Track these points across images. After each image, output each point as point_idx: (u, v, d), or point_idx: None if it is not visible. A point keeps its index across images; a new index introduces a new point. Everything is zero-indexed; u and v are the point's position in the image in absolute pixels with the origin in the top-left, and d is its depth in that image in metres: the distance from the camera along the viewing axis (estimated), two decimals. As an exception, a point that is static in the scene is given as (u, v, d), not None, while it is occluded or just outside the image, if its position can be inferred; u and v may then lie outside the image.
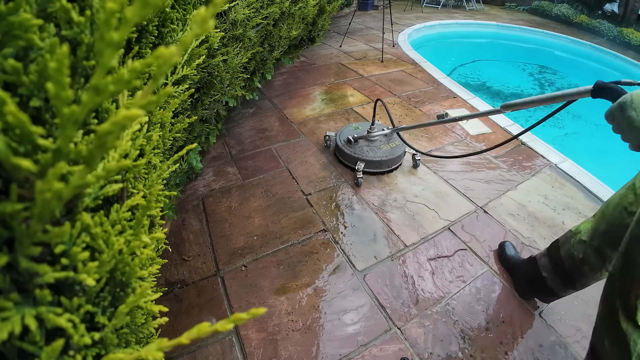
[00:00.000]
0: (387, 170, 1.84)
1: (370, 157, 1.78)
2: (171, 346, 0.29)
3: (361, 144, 1.87)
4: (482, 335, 1.14)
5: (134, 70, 0.21)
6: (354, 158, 1.80)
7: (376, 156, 1.79)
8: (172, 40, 0.82)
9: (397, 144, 1.87)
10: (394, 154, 1.82)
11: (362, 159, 1.77)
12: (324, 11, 3.14)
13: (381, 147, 1.86)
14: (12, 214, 0.24)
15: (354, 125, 2.05)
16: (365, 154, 1.80)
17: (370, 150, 1.82)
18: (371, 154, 1.80)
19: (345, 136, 1.90)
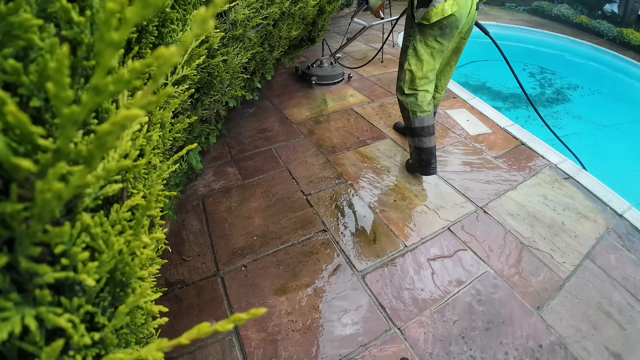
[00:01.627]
0: (332, 82, 2.91)
1: (320, 73, 2.88)
2: (171, 346, 0.29)
3: (316, 69, 2.94)
4: (482, 335, 1.14)
5: (134, 71, 0.21)
6: (310, 75, 2.87)
7: (324, 73, 2.89)
8: (172, 40, 0.82)
9: (337, 67, 2.98)
10: (336, 72, 2.92)
11: (315, 75, 2.86)
12: (324, 11, 3.14)
13: (327, 69, 2.95)
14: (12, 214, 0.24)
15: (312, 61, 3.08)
16: (318, 73, 2.88)
17: (321, 71, 2.91)
18: (321, 72, 2.89)
19: (306, 65, 2.99)
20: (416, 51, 1.50)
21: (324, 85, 2.87)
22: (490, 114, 2.54)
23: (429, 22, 1.37)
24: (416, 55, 1.50)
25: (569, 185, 1.85)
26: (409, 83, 1.57)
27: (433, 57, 1.50)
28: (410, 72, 1.54)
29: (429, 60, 1.51)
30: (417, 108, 1.59)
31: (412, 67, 1.53)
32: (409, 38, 1.53)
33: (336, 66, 3.00)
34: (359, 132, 2.25)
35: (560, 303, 1.25)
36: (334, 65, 3.01)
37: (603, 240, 1.52)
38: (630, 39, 5.57)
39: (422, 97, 1.57)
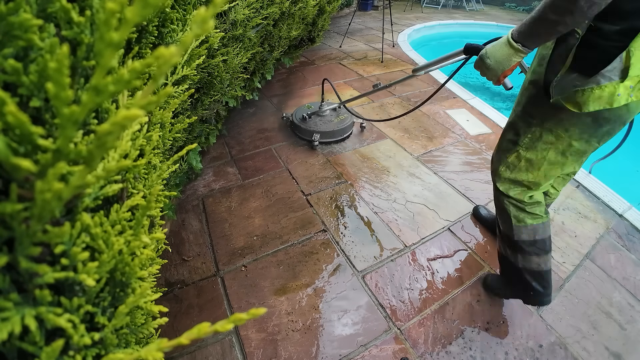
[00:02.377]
0: (339, 139, 2.12)
1: (324, 129, 2.06)
2: (171, 346, 0.29)
3: (314, 119, 2.13)
4: (482, 335, 1.14)
5: (134, 71, 0.21)
6: (309, 131, 2.07)
7: (329, 128, 2.08)
8: (172, 40, 0.82)
9: (346, 117, 2.16)
10: (344, 125, 2.11)
11: (318, 131, 2.05)
12: (324, 11, 3.14)
13: (332, 120, 2.14)
14: (12, 214, 0.24)
15: (307, 105, 2.30)
16: (319, 127, 2.08)
17: (323, 125, 2.10)
18: (324, 127, 2.08)
19: (300, 114, 2.17)
20: (536, 143, 0.92)
21: (329, 143, 2.10)
22: (490, 114, 2.54)
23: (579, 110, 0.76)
24: (534, 149, 0.92)
25: (569, 185, 1.85)
26: (512, 182, 1.01)
27: (565, 159, 0.91)
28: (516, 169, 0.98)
29: (555, 163, 0.92)
30: (524, 214, 1.02)
31: (521, 164, 0.96)
32: (528, 118, 0.92)
33: (342, 113, 2.21)
34: (358, 132, 2.25)
35: (560, 303, 1.25)
36: (338, 112, 2.22)
37: (603, 240, 1.52)
38: (630, 39, 5.56)
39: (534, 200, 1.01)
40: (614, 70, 0.70)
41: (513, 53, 0.80)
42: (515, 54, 0.80)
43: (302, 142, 2.12)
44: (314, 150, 2.03)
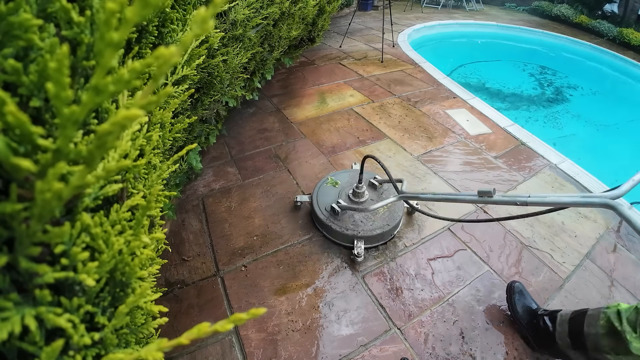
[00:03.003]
0: (390, 239, 1.42)
1: (369, 232, 1.34)
2: (171, 346, 0.29)
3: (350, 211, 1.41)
4: (482, 335, 1.14)
5: (134, 71, 0.21)
6: (347, 236, 1.35)
7: (376, 227, 1.36)
8: (172, 40, 0.82)
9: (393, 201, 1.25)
10: (396, 218, 1.40)
11: (361, 237, 1.34)
12: (323, 11, 3.14)
13: (377, 211, 1.41)
14: (12, 214, 0.24)
15: (330, 180, 1.59)
16: (360, 227, 1.36)
17: (366, 221, 1.38)
18: (369, 226, 1.36)
19: (327, 204, 1.44)
20: None
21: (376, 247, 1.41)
22: (490, 114, 2.54)
23: None
24: None
25: (569, 185, 1.85)
26: None
27: None
28: None
29: None
30: None
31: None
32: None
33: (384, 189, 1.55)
34: (359, 132, 2.25)
35: (560, 303, 1.25)
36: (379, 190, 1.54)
37: (603, 240, 1.52)
38: (630, 39, 5.58)
39: None
40: None
41: None
42: None
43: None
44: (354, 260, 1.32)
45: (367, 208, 1.24)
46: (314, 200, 1.49)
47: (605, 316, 0.89)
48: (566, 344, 0.99)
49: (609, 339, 0.87)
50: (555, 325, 1.04)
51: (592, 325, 0.91)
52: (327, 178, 1.60)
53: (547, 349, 1.08)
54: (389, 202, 1.21)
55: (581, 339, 0.94)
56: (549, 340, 1.05)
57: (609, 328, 0.87)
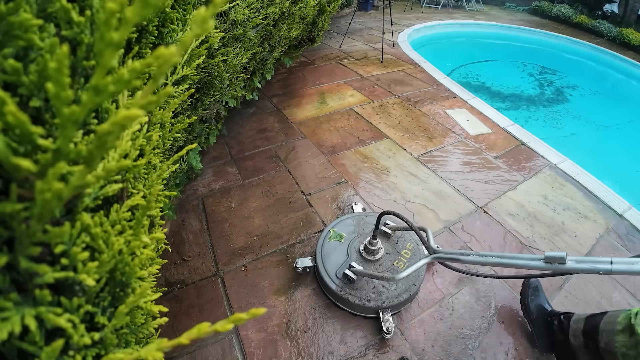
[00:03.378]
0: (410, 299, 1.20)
1: (394, 299, 1.13)
2: (171, 346, 0.29)
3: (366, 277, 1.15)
4: (482, 335, 1.14)
5: (134, 71, 0.21)
6: (370, 309, 1.13)
7: (401, 292, 1.15)
8: (172, 40, 0.82)
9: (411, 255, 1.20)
10: (421, 273, 1.21)
11: (386, 307, 1.12)
12: (324, 11, 3.14)
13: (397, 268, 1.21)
14: (12, 214, 0.24)
15: (333, 233, 1.32)
16: (384, 295, 1.14)
17: (389, 285, 1.16)
18: (393, 292, 1.15)
19: (337, 267, 1.21)
20: None
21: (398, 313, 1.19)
22: (490, 114, 2.54)
23: None
24: None
25: (569, 185, 1.85)
26: None
27: None
28: None
29: None
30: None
31: None
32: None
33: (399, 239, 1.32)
34: (359, 132, 2.25)
35: (560, 303, 1.25)
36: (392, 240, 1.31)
37: (603, 240, 1.52)
38: (630, 39, 5.58)
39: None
40: None
41: None
42: None
43: (306, 142, 2.10)
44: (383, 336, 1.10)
45: (395, 277, 0.94)
46: (319, 265, 1.21)
47: (626, 314, 0.88)
48: (579, 342, 0.98)
49: (623, 335, 0.86)
50: (570, 322, 1.03)
51: (609, 322, 0.91)
52: (329, 231, 1.33)
53: (550, 349, 1.09)
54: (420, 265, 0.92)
55: (595, 337, 0.93)
56: (560, 337, 1.04)
57: (626, 324, 0.86)
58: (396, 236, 1.32)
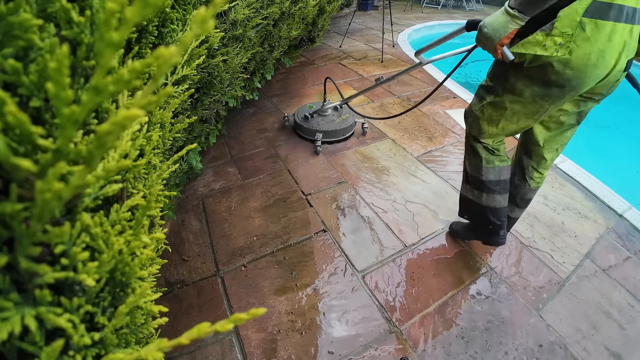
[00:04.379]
0: (342, 138, 2.13)
1: (325, 129, 2.06)
2: (171, 346, 0.29)
3: (317, 119, 2.15)
4: (482, 335, 1.14)
5: (134, 71, 0.21)
6: (311, 131, 2.07)
7: (332, 127, 2.07)
8: (172, 40, 0.82)
9: (348, 116, 2.17)
10: (346, 124, 2.11)
11: (320, 131, 2.05)
12: (323, 11, 3.14)
13: (334, 120, 2.14)
14: (12, 214, 0.24)
15: (308, 105, 2.31)
16: (321, 126, 2.08)
17: (325, 124, 2.10)
18: (327, 126, 2.08)
19: (302, 113, 2.17)
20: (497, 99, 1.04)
21: (331, 143, 2.10)
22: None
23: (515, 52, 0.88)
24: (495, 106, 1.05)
25: (569, 185, 1.85)
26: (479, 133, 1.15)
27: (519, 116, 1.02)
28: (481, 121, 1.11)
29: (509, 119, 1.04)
30: (493, 157, 1.16)
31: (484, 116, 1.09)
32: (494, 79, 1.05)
33: (344, 112, 2.21)
34: (359, 132, 2.25)
35: (560, 303, 1.25)
36: (340, 112, 2.21)
37: (603, 240, 1.52)
38: (630, 39, 5.56)
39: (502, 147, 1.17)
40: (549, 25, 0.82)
41: (509, 20, 0.85)
42: (512, 20, 0.85)
43: (303, 142, 2.12)
44: (315, 150, 2.01)
45: (323, 110, 2.13)
46: (295, 114, 2.21)
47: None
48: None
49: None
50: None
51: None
52: (306, 104, 2.32)
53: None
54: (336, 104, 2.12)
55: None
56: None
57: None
58: (343, 110, 2.23)
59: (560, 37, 0.82)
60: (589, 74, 0.85)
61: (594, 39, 0.81)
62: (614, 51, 0.83)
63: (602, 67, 0.84)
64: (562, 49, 0.83)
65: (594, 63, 0.83)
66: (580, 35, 0.81)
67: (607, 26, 0.80)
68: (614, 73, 0.88)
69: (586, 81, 0.87)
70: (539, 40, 0.84)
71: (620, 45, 0.83)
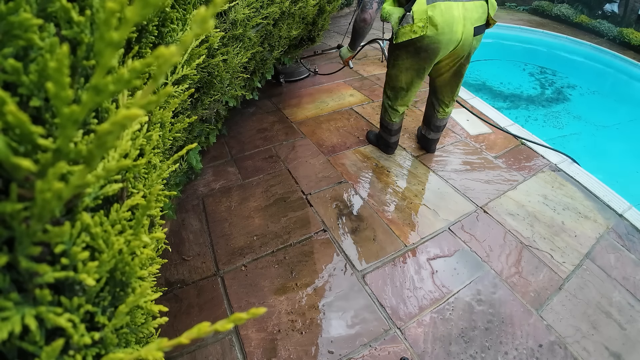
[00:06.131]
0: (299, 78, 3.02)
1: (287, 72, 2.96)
2: (171, 346, 0.29)
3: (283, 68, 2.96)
4: (482, 335, 1.14)
5: (134, 70, 0.21)
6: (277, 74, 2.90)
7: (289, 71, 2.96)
8: (172, 40, 0.81)
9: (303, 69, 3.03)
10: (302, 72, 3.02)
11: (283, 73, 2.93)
12: (324, 11, 3.13)
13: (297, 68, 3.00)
14: (12, 214, 0.24)
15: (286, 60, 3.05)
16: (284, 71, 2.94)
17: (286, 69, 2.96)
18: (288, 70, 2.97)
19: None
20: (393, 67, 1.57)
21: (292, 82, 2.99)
22: (491, 114, 2.53)
23: (397, 42, 1.37)
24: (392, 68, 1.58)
25: (569, 185, 1.85)
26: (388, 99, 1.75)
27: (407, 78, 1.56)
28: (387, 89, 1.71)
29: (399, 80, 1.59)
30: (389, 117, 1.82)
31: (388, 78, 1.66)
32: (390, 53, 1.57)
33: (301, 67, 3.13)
34: (359, 132, 2.25)
35: (560, 303, 1.25)
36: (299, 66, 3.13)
37: (603, 240, 1.52)
38: (630, 39, 5.57)
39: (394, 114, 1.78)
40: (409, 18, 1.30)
41: (347, 51, 1.82)
42: (348, 52, 1.82)
43: (303, 142, 2.12)
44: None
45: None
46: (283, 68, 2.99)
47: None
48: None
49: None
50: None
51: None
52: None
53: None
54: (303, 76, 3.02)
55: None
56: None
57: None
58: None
59: (420, 21, 1.29)
60: (441, 40, 1.33)
61: (438, 16, 1.27)
62: (457, 22, 1.29)
63: (451, 33, 1.31)
64: (426, 29, 1.30)
65: (442, 31, 1.30)
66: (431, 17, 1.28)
67: (441, 5, 1.27)
68: (465, 37, 1.35)
69: (442, 44, 1.34)
70: (408, 29, 1.31)
71: (460, 17, 1.29)
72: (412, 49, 1.40)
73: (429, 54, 1.39)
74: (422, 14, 1.27)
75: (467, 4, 1.30)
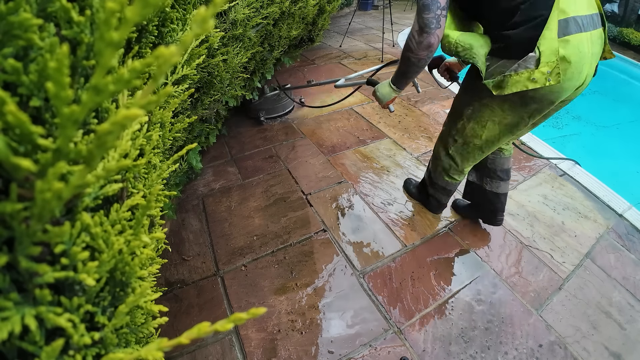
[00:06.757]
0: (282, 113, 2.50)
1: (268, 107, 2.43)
2: (171, 346, 0.29)
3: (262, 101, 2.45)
4: (482, 335, 1.14)
5: (134, 70, 0.21)
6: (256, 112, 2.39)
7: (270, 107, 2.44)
8: (172, 40, 0.81)
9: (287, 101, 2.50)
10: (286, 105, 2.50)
11: (263, 109, 2.39)
12: (324, 11, 3.13)
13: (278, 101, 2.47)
14: (12, 214, 0.24)
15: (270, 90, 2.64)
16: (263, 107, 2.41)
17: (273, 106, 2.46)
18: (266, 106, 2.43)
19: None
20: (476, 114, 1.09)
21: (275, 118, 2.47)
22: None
23: (501, 93, 0.92)
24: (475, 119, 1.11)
25: (569, 185, 1.85)
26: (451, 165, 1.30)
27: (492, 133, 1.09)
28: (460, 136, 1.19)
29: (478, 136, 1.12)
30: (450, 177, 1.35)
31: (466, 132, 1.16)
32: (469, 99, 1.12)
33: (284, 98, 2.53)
34: (359, 132, 2.25)
35: (560, 303, 1.25)
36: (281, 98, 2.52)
37: (603, 240, 1.52)
38: (630, 39, 5.57)
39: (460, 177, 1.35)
40: (529, 59, 0.86)
41: (391, 91, 1.18)
42: (393, 92, 1.18)
43: (303, 142, 2.12)
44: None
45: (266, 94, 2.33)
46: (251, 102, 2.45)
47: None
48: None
49: None
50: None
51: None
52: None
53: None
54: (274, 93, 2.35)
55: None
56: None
57: None
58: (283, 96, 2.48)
59: (546, 66, 0.85)
60: (565, 87, 0.89)
61: (572, 55, 0.84)
62: (586, 62, 0.87)
63: (579, 78, 0.88)
64: (551, 76, 0.85)
65: (570, 77, 0.86)
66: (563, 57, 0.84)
67: (574, 40, 0.83)
68: (587, 81, 0.92)
69: (562, 94, 0.91)
70: (526, 77, 0.88)
71: (589, 54, 0.86)
72: (517, 100, 0.95)
73: (541, 105, 0.94)
74: (552, 54, 0.83)
75: (593, 33, 0.87)
